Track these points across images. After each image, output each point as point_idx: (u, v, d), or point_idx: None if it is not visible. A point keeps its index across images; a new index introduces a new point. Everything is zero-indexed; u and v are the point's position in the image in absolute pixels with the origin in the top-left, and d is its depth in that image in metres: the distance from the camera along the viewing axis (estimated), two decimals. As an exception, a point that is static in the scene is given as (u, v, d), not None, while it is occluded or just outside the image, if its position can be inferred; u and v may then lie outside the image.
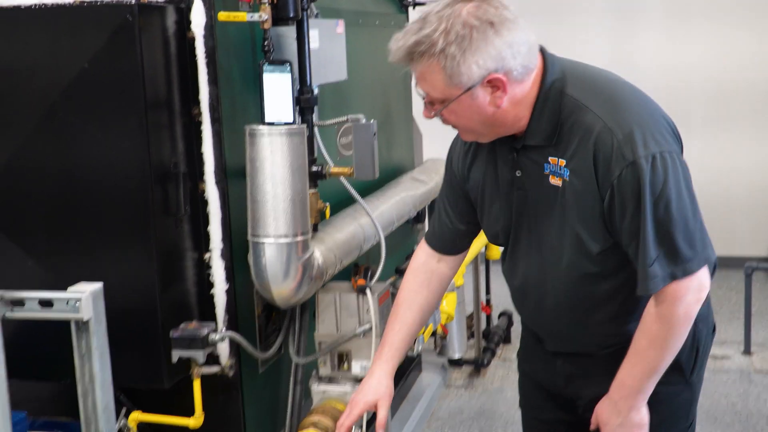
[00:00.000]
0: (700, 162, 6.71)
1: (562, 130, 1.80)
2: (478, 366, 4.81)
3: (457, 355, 4.61)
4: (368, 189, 3.40)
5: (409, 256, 3.91)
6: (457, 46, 1.68)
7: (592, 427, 2.06)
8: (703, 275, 1.80)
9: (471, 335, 4.97)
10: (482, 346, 4.92)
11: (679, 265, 1.77)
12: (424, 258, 2.18)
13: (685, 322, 1.81)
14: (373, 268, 3.17)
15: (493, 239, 2.07)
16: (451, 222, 2.12)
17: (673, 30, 6.63)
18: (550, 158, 1.83)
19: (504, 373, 4.88)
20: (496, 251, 4.86)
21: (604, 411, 1.98)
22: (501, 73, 1.72)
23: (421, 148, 4.65)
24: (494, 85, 1.74)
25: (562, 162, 1.81)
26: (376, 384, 2.06)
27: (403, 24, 4.19)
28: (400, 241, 3.96)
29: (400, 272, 3.68)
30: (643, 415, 1.94)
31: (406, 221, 3.66)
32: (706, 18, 6.54)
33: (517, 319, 5.47)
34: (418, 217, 3.99)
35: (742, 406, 4.44)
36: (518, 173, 1.90)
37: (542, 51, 1.83)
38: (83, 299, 1.70)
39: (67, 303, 1.72)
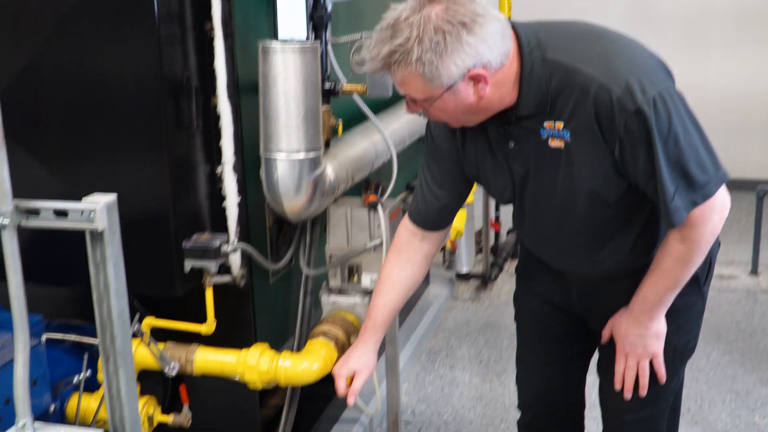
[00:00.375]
0: (718, 83, 6.71)
1: (553, 95, 1.80)
2: (485, 280, 4.89)
3: (465, 270, 4.69)
4: (381, 106, 3.42)
5: (420, 173, 3.96)
6: (433, 52, 1.67)
7: (604, 340, 2.16)
8: (722, 194, 1.85)
9: (479, 250, 5.04)
10: (490, 261, 5.00)
11: (698, 192, 1.81)
12: (407, 237, 2.20)
13: (711, 240, 1.90)
14: (384, 184, 3.22)
15: (505, 203, 2.12)
16: (436, 199, 2.12)
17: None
18: (545, 123, 1.84)
19: (511, 288, 4.94)
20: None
21: (622, 324, 2.07)
22: (480, 68, 1.72)
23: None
24: (475, 78, 1.74)
25: (560, 125, 1.82)
26: (356, 357, 2.15)
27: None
28: (412, 157, 3.99)
29: (410, 188, 3.72)
30: (662, 325, 2.05)
31: (419, 138, 3.68)
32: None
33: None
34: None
35: (746, 324, 4.52)
36: (511, 144, 1.92)
37: (512, 25, 1.82)
38: (97, 210, 1.75)
39: (82, 213, 1.76)
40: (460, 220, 4.18)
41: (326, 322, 2.69)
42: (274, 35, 2.55)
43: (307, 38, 2.52)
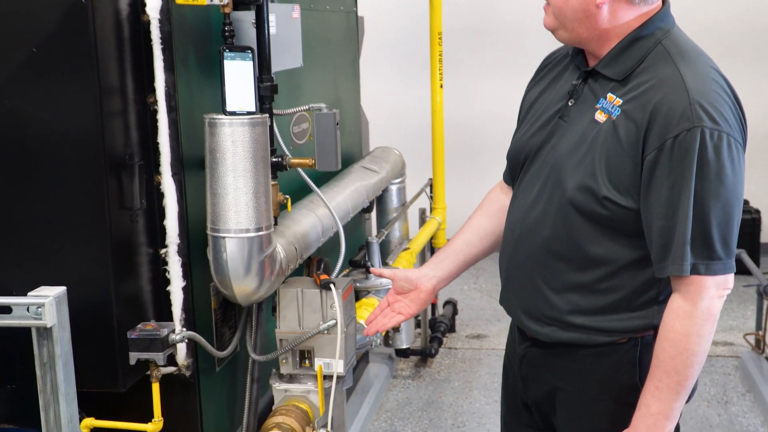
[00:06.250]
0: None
1: (636, 72, 1.78)
2: (426, 355, 4.76)
3: (404, 345, 4.55)
4: (318, 179, 3.30)
5: (362, 247, 3.84)
6: None
7: None
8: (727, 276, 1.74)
9: (417, 325, 4.92)
10: (429, 335, 4.89)
11: (705, 261, 1.70)
12: (493, 191, 2.22)
13: (708, 319, 1.72)
14: (326, 260, 3.08)
15: (511, 163, 2.04)
16: None
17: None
18: (609, 94, 1.80)
19: (450, 362, 4.85)
20: (443, 240, 4.82)
21: None
22: None
23: (368, 136, 4.57)
24: None
25: (618, 102, 1.77)
26: (416, 270, 2.17)
27: (352, 8, 4.09)
28: (351, 232, 3.87)
29: (354, 264, 3.60)
30: None
31: (361, 210, 3.57)
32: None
33: (461, 307, 5.46)
34: (367, 207, 3.90)
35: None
36: (570, 102, 1.88)
37: (664, 1, 1.85)
38: (47, 304, 1.58)
39: (28, 309, 1.59)
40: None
41: (279, 413, 2.51)
42: (219, 108, 2.41)
43: (256, 111, 2.38)
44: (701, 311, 1.71)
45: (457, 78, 6.43)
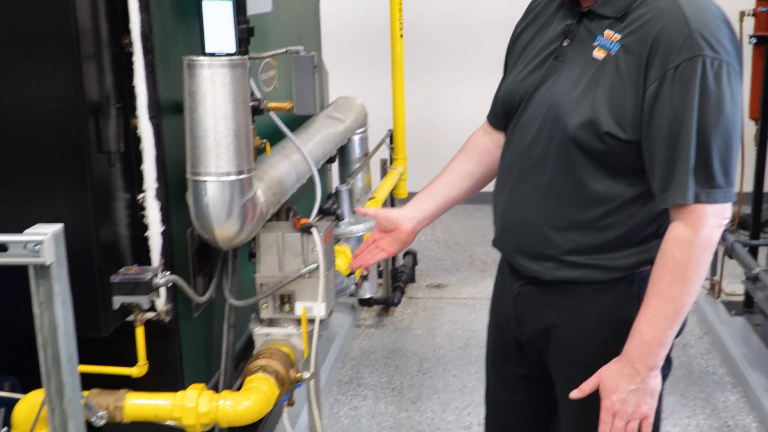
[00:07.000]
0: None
1: (633, 7, 1.77)
2: (389, 304, 4.80)
3: (368, 295, 4.58)
4: (290, 126, 3.27)
5: (330, 196, 3.83)
6: None
7: (585, 392, 1.86)
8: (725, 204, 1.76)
9: (378, 275, 4.95)
10: (390, 284, 4.92)
11: (705, 189, 1.71)
12: (476, 133, 2.24)
13: (707, 248, 1.74)
14: (295, 208, 3.07)
15: (504, 106, 2.03)
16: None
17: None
18: (606, 31, 1.80)
19: (412, 311, 4.89)
20: (403, 190, 4.83)
21: (612, 375, 1.80)
22: None
23: (328, 86, 4.55)
24: None
25: (616, 37, 1.77)
26: (397, 210, 2.23)
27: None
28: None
29: (324, 212, 3.60)
30: (659, 381, 1.81)
31: (328, 159, 3.56)
32: None
33: (419, 258, 5.50)
34: (332, 157, 3.89)
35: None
36: (566, 43, 1.88)
37: None
38: (45, 241, 1.54)
39: (25, 246, 1.55)
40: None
41: (262, 356, 2.50)
42: (196, 50, 2.37)
43: (237, 52, 2.35)
44: (701, 239, 1.73)
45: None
